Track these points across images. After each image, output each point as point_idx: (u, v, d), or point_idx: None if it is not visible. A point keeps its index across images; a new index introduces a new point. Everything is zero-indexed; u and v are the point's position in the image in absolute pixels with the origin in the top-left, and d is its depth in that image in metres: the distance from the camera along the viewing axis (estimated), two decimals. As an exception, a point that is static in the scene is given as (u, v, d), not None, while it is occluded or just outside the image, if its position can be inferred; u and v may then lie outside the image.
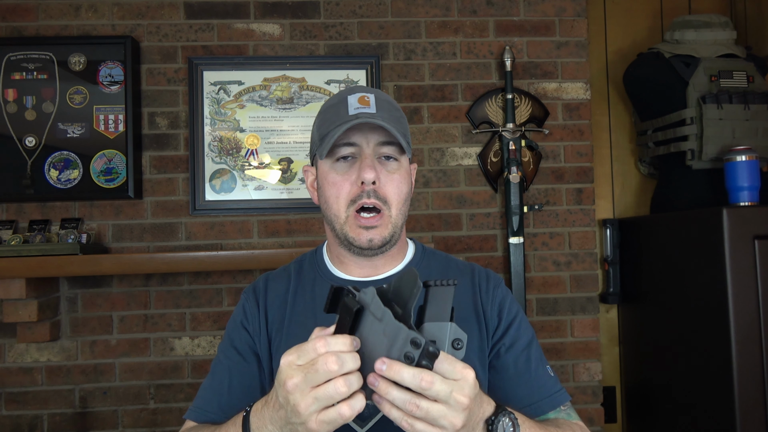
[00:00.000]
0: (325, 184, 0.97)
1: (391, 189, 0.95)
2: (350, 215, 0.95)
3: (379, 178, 0.94)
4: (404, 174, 0.98)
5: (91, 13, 2.06)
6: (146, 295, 2.02)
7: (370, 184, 0.93)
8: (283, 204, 2.06)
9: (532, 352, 1.01)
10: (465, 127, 2.14)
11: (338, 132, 0.91)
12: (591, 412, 2.11)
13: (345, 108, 0.95)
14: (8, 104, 1.99)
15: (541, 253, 2.14)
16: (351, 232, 0.95)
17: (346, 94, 0.97)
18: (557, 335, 2.13)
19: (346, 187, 0.95)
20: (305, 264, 1.09)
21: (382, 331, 0.66)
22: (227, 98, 2.08)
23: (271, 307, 1.03)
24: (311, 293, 1.03)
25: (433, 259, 1.08)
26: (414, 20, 2.14)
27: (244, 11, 2.10)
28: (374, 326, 0.67)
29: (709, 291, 1.75)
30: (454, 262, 1.09)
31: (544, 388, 0.99)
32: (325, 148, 0.94)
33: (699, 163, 2.03)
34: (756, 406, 1.63)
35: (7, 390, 1.96)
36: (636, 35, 2.47)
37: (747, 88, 2.00)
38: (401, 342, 0.64)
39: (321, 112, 1.01)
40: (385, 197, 0.95)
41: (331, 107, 0.98)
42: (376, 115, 0.93)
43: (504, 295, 1.04)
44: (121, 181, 2.00)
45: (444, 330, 0.68)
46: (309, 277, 1.05)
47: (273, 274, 1.09)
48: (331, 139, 0.92)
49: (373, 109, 0.95)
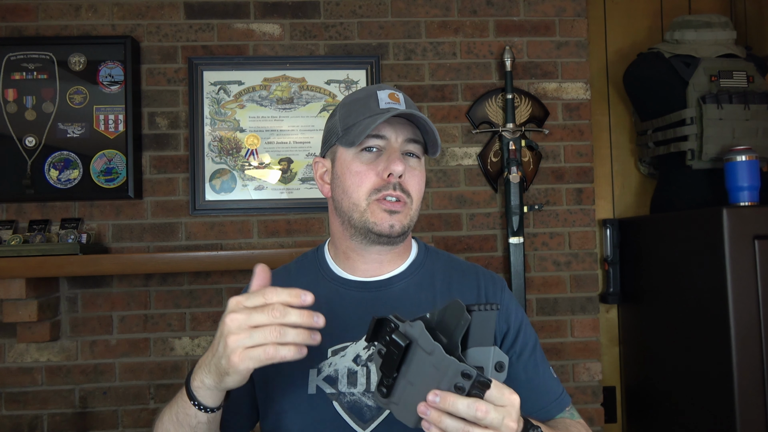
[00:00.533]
0: (347, 173, 0.97)
1: (413, 184, 0.97)
2: (372, 202, 0.95)
3: (404, 172, 0.95)
4: (423, 172, 1.00)
5: (91, 13, 2.06)
6: (146, 295, 2.02)
7: (397, 177, 0.94)
8: (283, 204, 2.06)
9: (538, 356, 1.03)
10: (465, 127, 2.14)
11: (374, 122, 0.92)
12: (591, 412, 2.11)
13: (375, 101, 0.96)
14: (8, 104, 1.99)
15: (541, 253, 2.14)
16: (372, 217, 0.94)
17: (375, 89, 0.98)
18: (557, 335, 2.13)
19: (371, 176, 0.95)
20: (306, 263, 1.08)
21: (432, 363, 0.67)
22: (227, 98, 2.08)
23: None
24: (314, 294, 1.02)
25: (437, 258, 1.08)
26: (414, 20, 2.14)
27: (244, 11, 2.10)
28: (423, 358, 0.68)
29: (709, 291, 1.75)
30: (457, 262, 1.09)
31: (551, 392, 1.01)
32: (356, 136, 0.94)
33: (699, 163, 2.03)
34: (756, 406, 1.63)
35: (7, 390, 1.96)
36: (636, 35, 2.47)
37: (747, 88, 2.00)
38: (451, 374, 0.66)
39: (346, 104, 1.01)
40: (409, 191, 0.96)
41: (359, 100, 0.98)
42: (406, 111, 0.94)
43: (509, 299, 1.05)
44: (121, 181, 2.00)
45: (488, 354, 0.70)
46: (310, 277, 1.05)
47: (273, 272, 1.08)
48: (366, 129, 0.92)
49: (403, 106, 0.96)
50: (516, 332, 1.01)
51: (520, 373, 1.00)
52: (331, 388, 0.94)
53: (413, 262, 1.05)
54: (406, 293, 1.00)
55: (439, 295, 1.01)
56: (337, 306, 0.99)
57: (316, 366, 0.95)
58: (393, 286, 1.01)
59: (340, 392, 0.94)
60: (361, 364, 0.95)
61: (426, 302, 1.00)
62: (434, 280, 1.03)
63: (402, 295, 1.00)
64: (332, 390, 0.94)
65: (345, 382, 0.94)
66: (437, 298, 1.01)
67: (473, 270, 1.07)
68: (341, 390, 0.94)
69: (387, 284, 1.01)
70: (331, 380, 0.95)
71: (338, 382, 0.94)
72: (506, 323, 1.02)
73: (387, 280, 1.01)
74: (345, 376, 0.94)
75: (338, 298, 1.00)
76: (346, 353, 0.96)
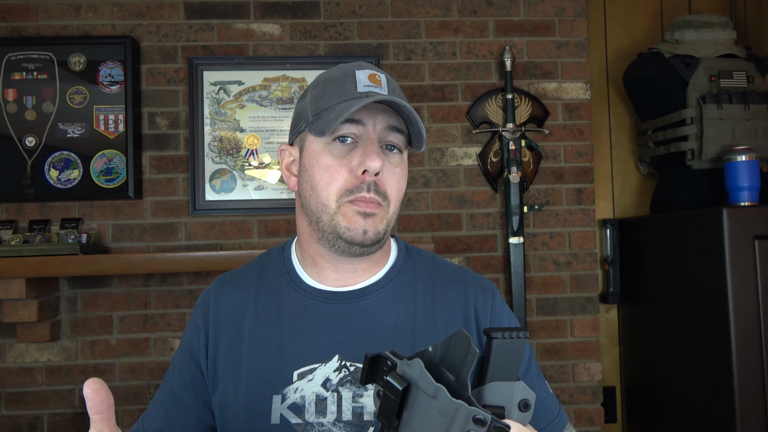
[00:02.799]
0: (315, 167, 0.82)
1: (392, 184, 0.83)
2: (343, 204, 0.81)
3: (382, 169, 0.81)
4: (405, 170, 0.87)
5: (91, 13, 2.06)
6: (146, 295, 2.02)
7: (374, 174, 0.80)
8: (283, 204, 2.06)
9: (533, 372, 0.92)
10: (465, 127, 2.14)
11: (348, 108, 0.77)
12: (591, 412, 2.11)
13: (353, 83, 0.81)
14: (8, 104, 1.99)
15: (541, 253, 2.14)
16: (344, 220, 0.81)
17: (353, 68, 0.83)
18: (557, 335, 2.13)
19: (342, 174, 0.81)
20: (270, 267, 0.93)
21: (437, 408, 0.56)
22: (227, 98, 2.08)
23: (225, 323, 0.89)
24: (277, 305, 0.89)
25: (419, 261, 0.94)
26: (414, 20, 2.14)
27: (244, 11, 2.10)
28: (427, 403, 0.57)
29: (709, 291, 1.75)
30: (442, 265, 0.96)
31: (548, 412, 0.91)
32: (327, 124, 0.79)
33: (699, 163, 2.03)
34: (756, 406, 1.63)
35: (7, 390, 1.96)
36: (636, 35, 2.47)
37: (747, 88, 2.00)
38: (462, 420, 0.54)
39: (319, 84, 0.85)
40: (386, 193, 0.82)
41: (334, 80, 0.83)
42: (387, 97, 0.80)
43: (501, 309, 0.93)
44: (121, 181, 2.00)
45: (511, 391, 0.59)
46: (274, 285, 0.91)
47: (231, 276, 0.95)
48: (339, 116, 0.78)
49: (385, 90, 0.82)
50: None
51: None
52: (297, 418, 0.82)
53: (392, 267, 0.91)
54: (383, 305, 0.87)
55: (420, 306, 0.89)
56: (303, 320, 0.86)
57: (279, 392, 0.83)
58: (368, 298, 0.87)
59: (308, 422, 0.82)
60: (332, 389, 0.83)
61: (405, 315, 0.87)
62: (415, 289, 0.90)
63: (378, 308, 0.87)
64: (298, 420, 0.82)
65: (313, 411, 0.82)
66: (418, 311, 0.88)
67: (460, 275, 0.94)
68: (308, 420, 0.82)
69: (361, 295, 0.87)
70: (296, 408, 0.82)
71: (305, 411, 0.82)
72: None
73: (361, 290, 0.88)
74: (313, 403, 0.82)
75: (305, 311, 0.87)
76: (314, 377, 0.84)
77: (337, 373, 0.84)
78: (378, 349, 0.77)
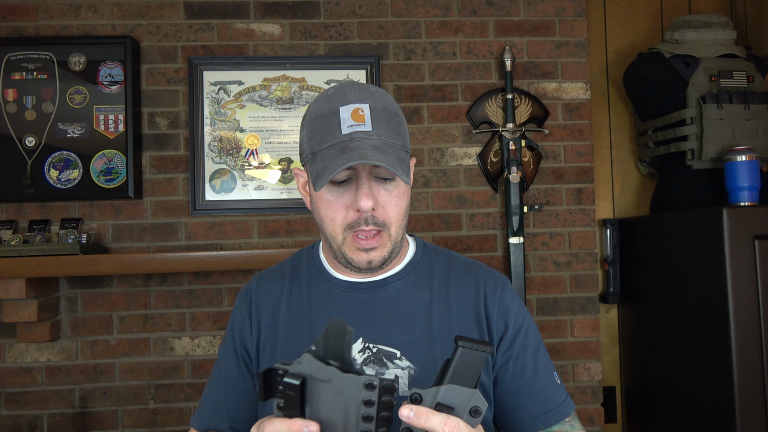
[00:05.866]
0: (320, 204, 0.91)
1: (390, 210, 0.90)
2: (348, 237, 0.90)
3: (377, 201, 0.88)
4: (403, 189, 0.92)
5: (91, 13, 2.06)
6: (146, 295, 2.02)
7: (368, 212, 0.87)
8: (283, 204, 2.06)
9: (540, 360, 0.97)
10: (465, 127, 2.14)
11: (333, 168, 0.82)
12: (591, 412, 2.11)
13: (337, 124, 0.85)
14: (8, 104, 1.99)
15: (541, 253, 2.14)
16: (349, 252, 0.91)
17: (337, 104, 0.87)
18: (557, 335, 2.13)
19: (342, 210, 0.89)
20: (302, 263, 1.05)
21: (334, 390, 0.64)
22: (227, 98, 2.08)
23: (264, 310, 1.00)
24: (307, 295, 1.00)
25: (435, 256, 1.04)
26: (414, 20, 2.14)
27: (244, 11, 2.10)
28: (324, 389, 0.65)
29: (709, 291, 1.74)
30: (458, 260, 1.05)
31: (551, 400, 0.95)
32: (317, 177, 0.85)
33: (699, 163, 2.03)
34: (756, 406, 1.63)
35: (7, 390, 1.96)
36: (636, 35, 2.47)
37: (747, 88, 2.00)
38: (354, 390, 0.64)
39: (310, 120, 0.90)
40: (384, 220, 0.89)
41: (322, 117, 0.88)
42: (372, 133, 0.85)
43: (511, 299, 0.99)
44: (121, 181, 2.00)
45: (467, 397, 0.65)
46: (304, 278, 1.02)
47: (267, 273, 1.06)
48: (325, 172, 0.83)
49: (369, 125, 0.86)
50: (515, 334, 0.96)
51: (516, 376, 0.95)
52: None
53: (410, 262, 1.01)
54: (402, 294, 0.97)
55: (436, 294, 0.97)
56: (330, 308, 0.96)
57: None
58: (388, 287, 0.97)
59: None
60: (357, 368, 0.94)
61: (422, 303, 0.96)
62: (432, 280, 0.99)
63: (397, 296, 0.97)
64: None
65: None
66: (434, 298, 0.97)
67: (474, 268, 1.02)
68: None
69: (381, 285, 0.97)
70: None
71: None
72: (504, 324, 0.96)
73: (382, 281, 0.98)
74: None
75: (331, 300, 0.97)
76: None
77: (362, 354, 0.92)
78: (398, 331, 0.93)
